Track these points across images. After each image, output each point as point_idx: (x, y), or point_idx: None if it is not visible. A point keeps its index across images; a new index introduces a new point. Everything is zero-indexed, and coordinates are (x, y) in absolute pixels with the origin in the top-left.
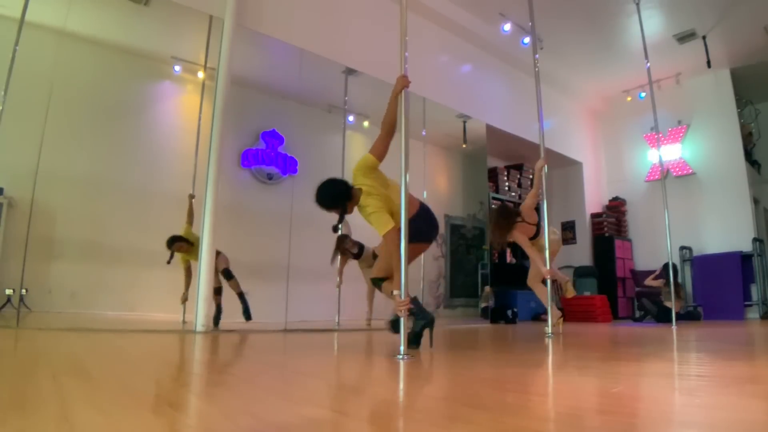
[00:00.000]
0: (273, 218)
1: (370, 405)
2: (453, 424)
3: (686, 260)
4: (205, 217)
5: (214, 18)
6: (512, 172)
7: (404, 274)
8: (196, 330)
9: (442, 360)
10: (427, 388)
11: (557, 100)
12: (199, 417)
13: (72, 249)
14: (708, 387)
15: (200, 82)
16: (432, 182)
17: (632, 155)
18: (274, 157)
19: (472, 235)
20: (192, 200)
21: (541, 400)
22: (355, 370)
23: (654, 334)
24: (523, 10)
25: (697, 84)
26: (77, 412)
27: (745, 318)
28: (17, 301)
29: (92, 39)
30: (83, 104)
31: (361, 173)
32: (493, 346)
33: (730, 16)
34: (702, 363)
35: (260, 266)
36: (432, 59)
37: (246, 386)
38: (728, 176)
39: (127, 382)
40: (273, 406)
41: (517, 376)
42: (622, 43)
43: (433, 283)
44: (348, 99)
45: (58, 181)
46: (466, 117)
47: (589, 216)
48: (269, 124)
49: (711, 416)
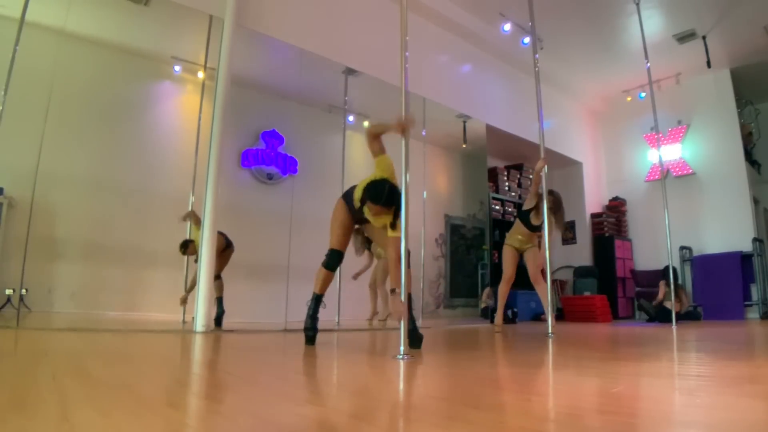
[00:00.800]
0: (273, 218)
1: (370, 405)
2: (453, 424)
3: (686, 260)
4: (205, 217)
5: (214, 18)
6: (512, 172)
7: (404, 276)
8: (196, 330)
9: (442, 360)
10: (427, 388)
11: (557, 100)
12: (199, 417)
13: (72, 249)
14: (708, 387)
15: (200, 82)
16: (432, 182)
17: (632, 155)
18: (274, 157)
19: (472, 235)
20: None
21: (541, 400)
22: (355, 370)
23: (654, 334)
24: (523, 10)
25: (697, 84)
26: (77, 412)
27: (745, 318)
28: (17, 301)
29: (92, 39)
30: (83, 104)
31: (389, 172)
32: (493, 346)
33: (730, 16)
34: (702, 363)
35: (260, 266)
36: (432, 59)
37: (246, 386)
38: (728, 176)
39: (127, 382)
40: (273, 406)
41: (517, 376)
42: (622, 43)
43: (433, 283)
44: (348, 99)
45: (58, 181)
46: (466, 117)
47: (589, 216)
48: (269, 124)
49: (711, 416)
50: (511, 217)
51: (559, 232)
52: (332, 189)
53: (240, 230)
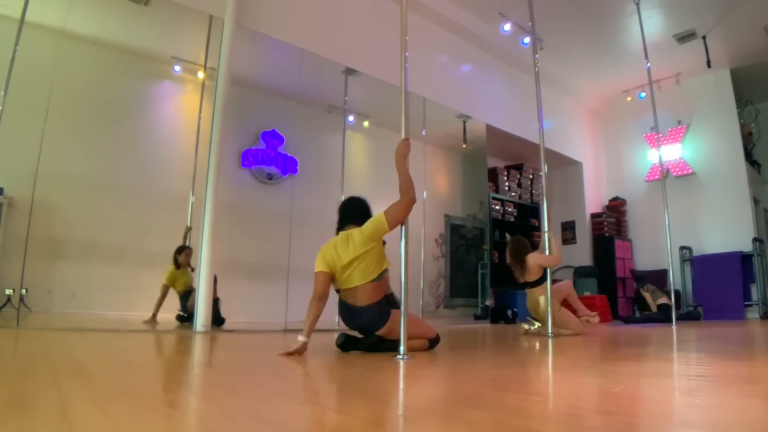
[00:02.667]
0: (273, 218)
1: (370, 405)
2: (453, 424)
3: (686, 260)
4: (205, 217)
5: (214, 18)
6: (512, 172)
7: (404, 278)
8: (196, 330)
9: (442, 360)
10: (427, 388)
11: (557, 100)
12: (199, 417)
13: (72, 249)
14: (708, 387)
15: (200, 82)
16: (432, 182)
17: (632, 155)
18: (274, 157)
19: (472, 235)
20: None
21: (541, 400)
22: (354, 370)
23: (654, 334)
24: (523, 10)
25: (697, 84)
26: (77, 412)
27: (745, 318)
28: (17, 301)
29: (92, 39)
30: (83, 104)
31: (369, 237)
32: (493, 346)
33: (730, 16)
34: (702, 363)
35: (260, 266)
36: (432, 59)
37: (246, 386)
38: (728, 176)
39: (127, 382)
40: (273, 406)
41: (517, 376)
42: (622, 43)
43: (433, 283)
44: (348, 99)
45: (58, 181)
46: (466, 117)
47: (589, 216)
48: (269, 124)
49: (711, 416)
50: (511, 217)
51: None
52: (332, 189)
53: (240, 230)
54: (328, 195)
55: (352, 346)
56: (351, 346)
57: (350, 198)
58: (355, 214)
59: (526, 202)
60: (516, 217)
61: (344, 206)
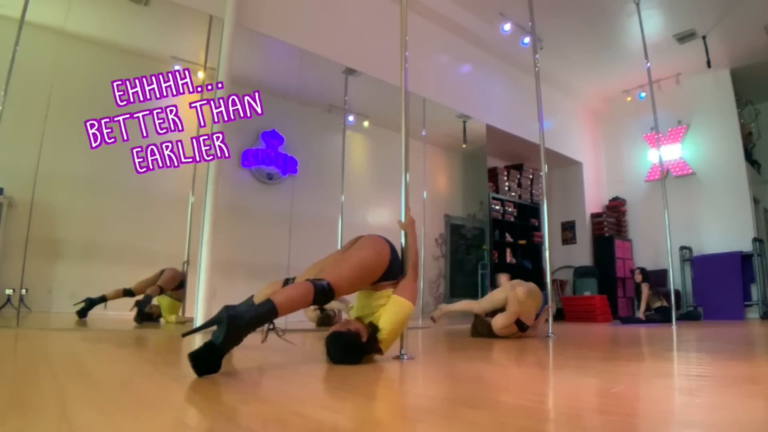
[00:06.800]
0: (273, 218)
1: (370, 405)
2: (453, 424)
3: (686, 260)
4: (205, 217)
5: (214, 18)
6: (512, 172)
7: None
8: None
9: (442, 360)
10: (427, 388)
11: (557, 100)
12: (199, 417)
13: (72, 249)
14: (708, 387)
15: (200, 82)
16: (432, 182)
17: (632, 155)
18: (274, 157)
19: (472, 235)
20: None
21: (541, 400)
22: (354, 370)
23: (654, 334)
24: (523, 10)
25: (697, 84)
26: (77, 412)
27: (745, 318)
28: (17, 301)
29: (92, 39)
30: (83, 104)
31: (394, 321)
32: (493, 347)
33: (730, 16)
34: (702, 363)
35: (260, 266)
36: (432, 59)
37: (246, 386)
38: (728, 176)
39: (127, 382)
40: (273, 406)
41: (517, 376)
42: (622, 43)
43: (433, 283)
44: (348, 99)
45: (58, 181)
46: (466, 117)
47: (589, 216)
48: (269, 124)
49: (711, 416)
50: (511, 217)
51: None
52: (332, 189)
53: (240, 230)
54: (328, 195)
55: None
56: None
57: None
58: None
59: (526, 202)
60: (516, 217)
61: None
